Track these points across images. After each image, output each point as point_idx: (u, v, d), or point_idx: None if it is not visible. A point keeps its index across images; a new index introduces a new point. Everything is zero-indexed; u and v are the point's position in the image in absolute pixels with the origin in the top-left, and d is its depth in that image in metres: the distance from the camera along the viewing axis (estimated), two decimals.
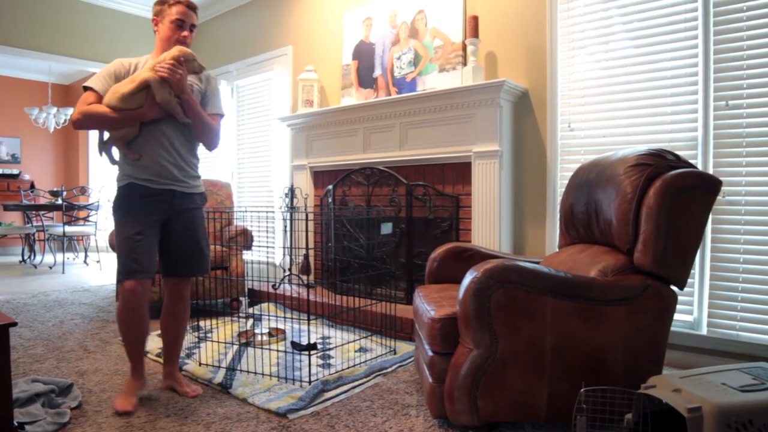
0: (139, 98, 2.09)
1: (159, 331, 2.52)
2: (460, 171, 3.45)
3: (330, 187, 4.10)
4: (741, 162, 2.50)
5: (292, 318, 3.41)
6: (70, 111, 7.45)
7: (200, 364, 2.60)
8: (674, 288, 1.93)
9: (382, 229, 3.42)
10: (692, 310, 2.65)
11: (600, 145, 2.95)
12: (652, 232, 1.87)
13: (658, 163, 1.97)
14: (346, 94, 4.21)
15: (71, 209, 6.28)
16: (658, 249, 1.87)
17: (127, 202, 2.18)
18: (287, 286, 4.13)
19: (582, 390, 1.64)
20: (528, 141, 3.26)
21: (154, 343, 3.00)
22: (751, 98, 2.47)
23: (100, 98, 2.11)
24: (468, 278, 1.83)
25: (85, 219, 6.74)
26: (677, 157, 2.02)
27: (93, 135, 8.08)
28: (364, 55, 4.10)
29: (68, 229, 6.38)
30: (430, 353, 1.97)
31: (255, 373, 2.49)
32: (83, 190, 7.10)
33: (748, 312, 2.49)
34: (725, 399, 1.43)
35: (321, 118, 4.19)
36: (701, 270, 2.61)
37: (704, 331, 2.60)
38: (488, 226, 3.23)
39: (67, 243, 7.41)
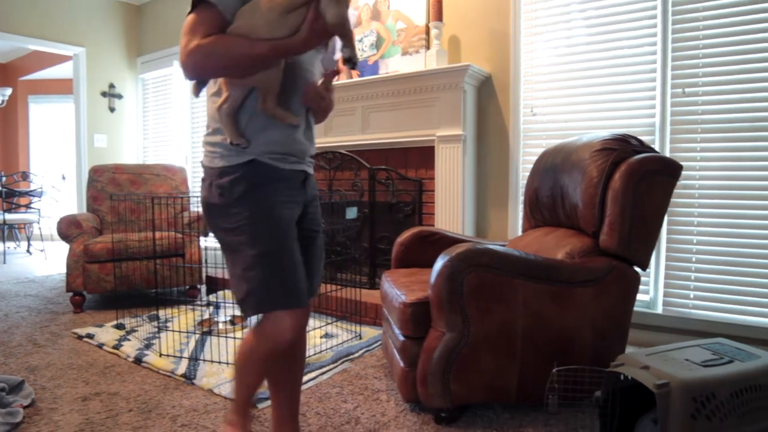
0: (295, 18, 1.27)
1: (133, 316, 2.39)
2: (423, 155, 3.45)
3: None
4: (696, 147, 2.60)
5: None
6: (8, 92, 7.01)
7: (161, 355, 2.51)
8: (637, 269, 1.99)
9: (347, 213, 3.38)
10: (648, 290, 2.75)
11: (562, 130, 3.00)
12: (617, 215, 1.92)
13: (622, 147, 2.01)
14: None
15: (12, 196, 5.94)
16: (624, 231, 1.92)
17: (258, 192, 1.36)
18: None
19: (554, 370, 1.67)
20: (491, 125, 3.28)
21: (109, 335, 2.88)
22: (706, 86, 2.56)
23: (221, 20, 1.25)
24: (440, 262, 1.83)
25: (27, 206, 6.39)
26: (641, 142, 2.07)
27: (37, 115, 7.65)
28: None
29: (8, 216, 6.03)
30: (402, 338, 1.96)
31: (219, 362, 2.43)
32: (24, 176, 6.72)
33: (700, 291, 2.60)
34: (690, 375, 1.48)
35: None
36: (657, 251, 2.71)
37: (660, 309, 2.70)
38: (451, 210, 3.24)
39: (7, 231, 7.01)
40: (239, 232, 1.35)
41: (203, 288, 4.06)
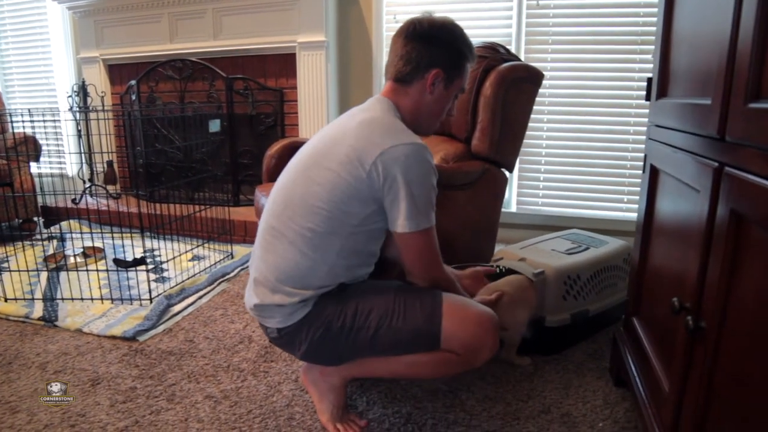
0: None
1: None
2: (284, 63, 3.27)
3: (133, 82, 3.57)
4: (546, 58, 2.80)
5: (112, 234, 3.05)
6: None
7: (6, 300, 2.20)
8: (505, 171, 2.15)
9: (210, 126, 3.14)
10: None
11: None
12: (489, 120, 2.02)
13: (492, 55, 2.09)
14: None
15: None
16: (494, 136, 2.03)
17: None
18: (90, 199, 3.63)
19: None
20: (354, 32, 3.19)
21: None
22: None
23: None
24: None
25: None
26: (507, 50, 2.16)
27: None
28: None
29: None
30: None
31: (82, 299, 2.20)
32: None
33: (548, 190, 2.92)
34: (560, 262, 1.69)
35: (113, 0, 3.53)
36: None
37: (514, 208, 2.99)
38: (316, 120, 3.17)
39: None
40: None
41: (40, 220, 3.58)
